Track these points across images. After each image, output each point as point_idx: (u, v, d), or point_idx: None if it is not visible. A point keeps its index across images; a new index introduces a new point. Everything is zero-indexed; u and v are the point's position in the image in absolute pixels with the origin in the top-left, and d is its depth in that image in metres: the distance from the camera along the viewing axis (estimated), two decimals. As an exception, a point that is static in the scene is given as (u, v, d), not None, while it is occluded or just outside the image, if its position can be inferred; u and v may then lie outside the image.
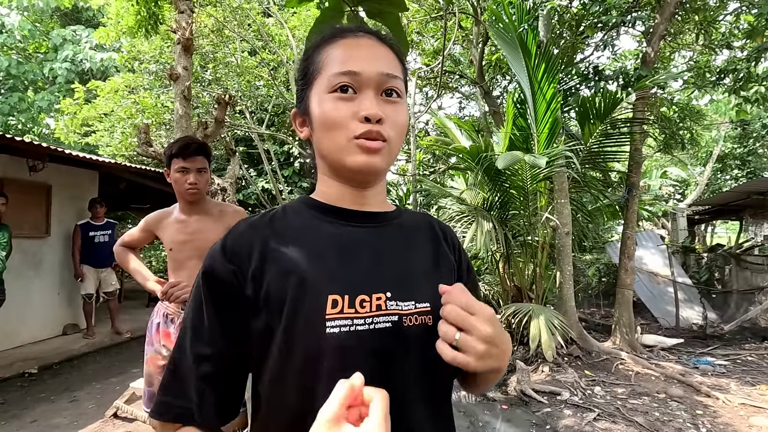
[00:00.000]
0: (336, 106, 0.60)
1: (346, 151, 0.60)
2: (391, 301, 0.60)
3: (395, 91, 0.63)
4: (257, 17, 7.80)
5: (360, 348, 0.57)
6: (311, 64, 0.64)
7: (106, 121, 7.94)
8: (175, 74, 3.41)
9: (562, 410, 3.50)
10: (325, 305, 0.57)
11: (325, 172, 0.67)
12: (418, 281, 0.64)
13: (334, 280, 0.59)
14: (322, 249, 0.62)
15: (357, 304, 0.58)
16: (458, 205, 5.86)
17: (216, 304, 0.60)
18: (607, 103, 4.75)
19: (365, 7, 1.67)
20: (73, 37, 11.27)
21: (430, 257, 0.69)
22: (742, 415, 3.39)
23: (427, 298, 0.63)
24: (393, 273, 0.63)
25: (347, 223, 0.65)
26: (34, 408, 3.47)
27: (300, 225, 0.64)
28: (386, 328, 0.59)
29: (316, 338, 0.56)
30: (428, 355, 0.59)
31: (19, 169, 4.75)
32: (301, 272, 0.59)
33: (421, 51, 8.82)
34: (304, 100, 0.65)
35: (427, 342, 0.59)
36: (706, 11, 6.05)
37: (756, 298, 6.25)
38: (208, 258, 0.62)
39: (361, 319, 0.57)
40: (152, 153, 3.25)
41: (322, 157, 0.66)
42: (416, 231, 0.71)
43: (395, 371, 0.59)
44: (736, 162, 12.17)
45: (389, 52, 0.65)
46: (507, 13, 4.80)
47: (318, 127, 0.63)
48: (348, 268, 0.61)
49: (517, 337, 5.10)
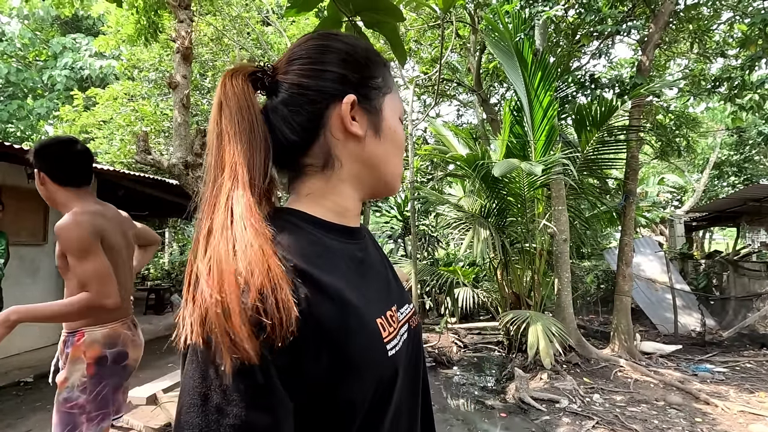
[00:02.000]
0: (403, 135, 0.64)
1: (399, 178, 0.64)
2: (399, 311, 0.61)
3: None
4: (256, 26, 7.86)
5: (407, 360, 0.58)
6: (381, 75, 0.60)
7: (105, 129, 7.96)
8: (174, 82, 3.44)
9: (560, 418, 3.49)
10: (379, 329, 0.54)
11: (354, 182, 0.60)
12: (399, 287, 0.68)
13: (371, 302, 0.55)
14: (349, 272, 0.56)
15: (391, 321, 0.57)
16: (456, 212, 5.88)
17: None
18: (604, 111, 4.79)
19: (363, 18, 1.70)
20: (72, 45, 11.34)
21: (387, 264, 0.71)
22: (741, 423, 3.38)
23: (410, 300, 0.68)
24: (388, 284, 0.65)
25: (347, 241, 0.60)
26: (30, 417, 3.44)
27: (318, 246, 0.56)
28: (407, 336, 0.60)
29: (385, 365, 0.53)
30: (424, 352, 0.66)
31: (17, 177, 4.75)
32: (349, 299, 0.51)
33: (419, 59, 8.89)
34: (377, 101, 0.59)
35: (422, 339, 0.67)
36: (700, 20, 6.13)
37: (754, 305, 6.26)
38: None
39: (397, 335, 0.57)
40: (151, 161, 3.26)
41: (372, 168, 0.60)
42: (372, 241, 0.72)
43: (416, 375, 0.62)
44: (732, 169, 12.25)
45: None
46: (503, 22, 4.85)
47: (390, 142, 0.61)
48: (369, 288, 0.58)
49: (516, 344, 5.10)
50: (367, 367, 0.50)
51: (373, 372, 0.51)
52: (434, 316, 7.67)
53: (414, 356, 0.61)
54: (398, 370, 0.55)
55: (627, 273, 5.24)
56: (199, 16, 6.84)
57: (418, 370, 0.63)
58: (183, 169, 3.22)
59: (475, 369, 5.13)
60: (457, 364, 5.25)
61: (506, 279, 5.54)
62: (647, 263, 7.53)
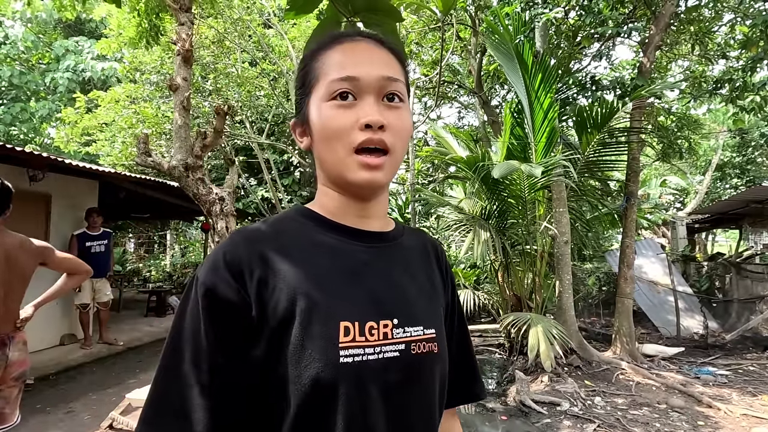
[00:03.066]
0: (335, 114, 0.57)
1: (348, 165, 0.58)
2: (398, 329, 0.57)
3: (397, 95, 0.60)
4: (257, 28, 7.89)
5: (371, 378, 0.54)
6: (309, 72, 0.62)
7: (107, 131, 7.99)
8: (174, 85, 3.44)
9: (561, 421, 3.47)
10: (338, 333, 0.53)
11: (326, 183, 0.63)
12: (423, 306, 0.62)
13: (344, 305, 0.55)
14: (330, 270, 0.57)
15: (367, 331, 0.54)
16: (456, 214, 5.87)
17: (219, 327, 0.53)
18: (605, 113, 4.78)
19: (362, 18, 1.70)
20: (75, 48, 11.39)
21: (429, 280, 0.67)
22: (744, 426, 3.36)
23: (432, 324, 0.61)
24: (399, 298, 0.60)
25: (351, 242, 0.61)
26: (30, 419, 3.43)
27: (303, 241, 0.59)
28: (394, 357, 0.56)
29: (329, 368, 0.51)
30: (435, 385, 0.60)
31: (19, 179, 4.77)
32: (310, 294, 0.54)
33: (420, 61, 8.90)
34: (303, 108, 0.62)
35: (433, 371, 0.59)
36: (701, 22, 6.11)
37: (757, 307, 6.22)
38: (208, 274, 0.54)
39: (371, 347, 0.54)
40: (151, 163, 3.26)
41: (323, 168, 0.62)
42: (416, 252, 0.69)
43: (404, 402, 0.56)
44: (735, 171, 12.21)
45: (389, 54, 0.62)
46: (503, 24, 4.86)
47: (318, 138, 0.60)
48: (357, 292, 0.57)
49: (517, 346, 5.08)
50: (303, 362, 0.51)
51: (309, 370, 0.51)
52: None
53: (408, 382, 0.56)
54: (348, 380, 0.52)
55: (629, 275, 5.22)
56: (200, 19, 6.86)
57: (416, 399, 0.58)
58: (183, 171, 3.23)
59: (476, 371, 5.11)
60: (458, 367, 5.23)
61: (507, 281, 5.53)
62: (649, 265, 7.50)
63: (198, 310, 0.53)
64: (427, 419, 0.60)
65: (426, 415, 0.59)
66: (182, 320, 0.54)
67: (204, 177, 3.31)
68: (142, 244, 15.61)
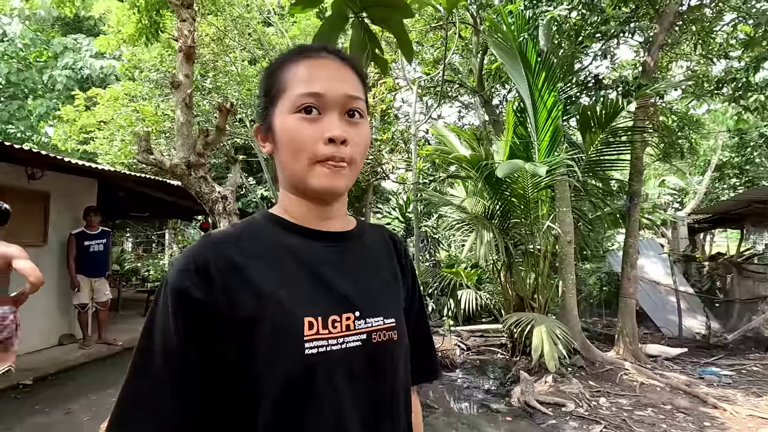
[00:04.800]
0: (300, 126, 0.61)
1: (310, 173, 0.62)
2: (359, 320, 0.62)
3: (358, 112, 0.64)
4: (258, 26, 7.84)
5: (335, 367, 0.58)
6: (275, 82, 0.65)
7: (106, 129, 7.92)
8: (176, 82, 3.40)
9: (567, 422, 3.44)
10: (302, 327, 0.57)
11: (287, 188, 0.68)
12: (383, 298, 0.68)
13: (307, 302, 0.60)
14: (292, 270, 0.62)
15: (329, 324, 0.59)
16: (459, 214, 5.84)
17: (188, 328, 0.56)
18: (609, 112, 4.75)
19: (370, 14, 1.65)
20: (73, 46, 11.31)
21: (389, 272, 0.73)
22: (751, 427, 3.34)
23: (392, 313, 0.66)
24: (360, 292, 0.64)
25: (314, 243, 0.65)
26: (28, 420, 3.39)
27: (268, 244, 0.63)
28: (356, 347, 0.60)
29: (296, 361, 0.56)
30: (396, 371, 0.65)
31: (18, 177, 4.72)
32: (276, 294, 0.58)
33: (420, 60, 8.86)
34: (268, 117, 0.66)
35: (393, 357, 0.65)
36: (704, 22, 6.09)
37: (759, 307, 6.22)
38: (176, 276, 0.57)
39: (334, 339, 0.59)
40: (153, 161, 3.22)
41: (286, 175, 0.66)
42: (376, 246, 0.74)
43: (368, 389, 0.61)
44: (734, 171, 12.22)
45: (351, 73, 0.66)
46: (506, 22, 4.82)
47: (282, 146, 0.64)
48: (318, 289, 0.62)
49: (519, 347, 5.05)
50: (273, 357, 0.55)
51: (278, 364, 0.55)
52: (436, 318, 7.61)
53: (371, 369, 0.61)
54: (315, 370, 0.56)
55: (632, 275, 5.20)
56: (200, 16, 6.81)
57: (379, 384, 0.63)
58: (185, 169, 3.19)
59: (478, 372, 5.08)
60: (460, 367, 5.20)
61: (510, 281, 5.50)
62: (651, 265, 7.49)
63: (168, 311, 0.56)
64: (392, 402, 0.64)
65: (390, 399, 0.64)
66: (153, 322, 0.57)
67: (206, 175, 3.27)
68: (140, 243, 15.54)
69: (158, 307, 0.58)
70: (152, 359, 0.56)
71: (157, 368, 0.55)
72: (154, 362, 0.56)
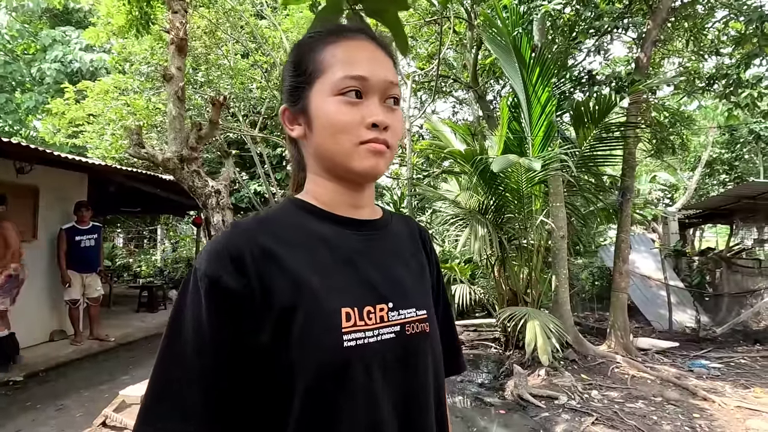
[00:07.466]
0: (343, 110, 0.60)
1: (353, 155, 0.60)
2: (393, 312, 0.61)
3: (395, 99, 0.64)
4: (250, 19, 7.75)
5: (372, 360, 0.57)
6: (311, 62, 0.63)
7: (96, 123, 7.80)
8: (168, 74, 3.36)
9: (559, 414, 3.48)
10: (340, 318, 0.56)
11: (319, 172, 0.66)
12: (414, 288, 0.67)
13: (343, 292, 0.59)
14: (326, 259, 0.60)
15: (365, 316, 0.58)
16: (453, 209, 5.85)
17: (222, 316, 0.54)
18: (602, 107, 4.77)
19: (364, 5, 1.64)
20: (62, 38, 11.11)
21: (418, 263, 0.72)
22: (739, 418, 3.40)
23: (423, 305, 0.66)
24: (393, 282, 0.64)
25: (345, 231, 0.64)
26: (20, 417, 3.36)
27: (300, 231, 0.62)
28: (391, 338, 0.60)
29: (335, 352, 0.55)
30: (428, 363, 0.64)
31: (6, 171, 4.64)
32: (311, 283, 0.57)
33: (415, 55, 8.83)
34: (302, 99, 0.63)
35: (426, 349, 0.64)
36: (696, 18, 6.13)
37: (747, 301, 6.32)
38: (211, 264, 0.55)
39: (370, 331, 0.58)
40: (145, 154, 3.18)
41: (321, 159, 0.64)
42: (404, 237, 0.73)
43: (404, 381, 0.61)
44: (723, 167, 12.37)
45: (388, 58, 0.65)
46: (500, 17, 4.81)
47: (320, 129, 0.61)
48: (354, 279, 0.61)
49: (513, 341, 5.08)
50: (309, 348, 0.54)
51: (315, 354, 0.54)
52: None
53: (404, 361, 0.61)
54: (353, 362, 0.55)
55: (623, 269, 5.25)
56: (192, 8, 6.72)
57: (411, 376, 0.62)
58: (178, 163, 3.15)
59: (472, 366, 5.11)
60: (454, 361, 5.23)
61: (503, 276, 5.53)
62: (642, 260, 7.58)
63: (200, 299, 0.54)
64: (425, 394, 0.63)
65: (423, 391, 0.63)
66: (182, 310, 0.56)
67: (199, 169, 3.24)
68: (131, 238, 15.38)
69: (187, 295, 0.56)
70: (183, 348, 0.54)
71: (189, 357, 0.54)
72: (186, 351, 0.54)
